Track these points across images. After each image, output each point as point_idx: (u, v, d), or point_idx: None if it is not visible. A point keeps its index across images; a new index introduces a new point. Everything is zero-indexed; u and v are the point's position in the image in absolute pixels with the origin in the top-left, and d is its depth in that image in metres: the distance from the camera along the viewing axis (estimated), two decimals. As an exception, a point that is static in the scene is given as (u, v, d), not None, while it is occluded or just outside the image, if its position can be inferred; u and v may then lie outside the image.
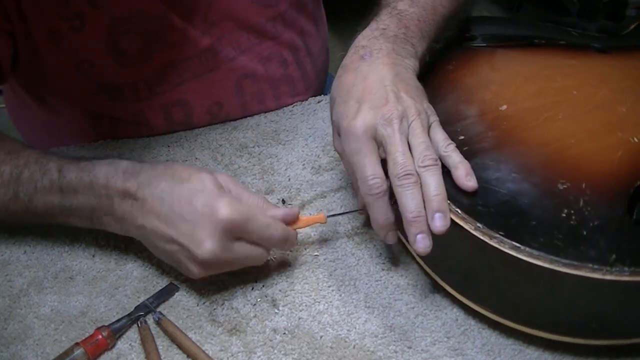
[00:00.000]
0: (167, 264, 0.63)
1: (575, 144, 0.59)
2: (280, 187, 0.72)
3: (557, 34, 0.77)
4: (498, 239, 0.51)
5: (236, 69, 0.81)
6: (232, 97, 0.82)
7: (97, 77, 0.74)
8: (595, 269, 0.49)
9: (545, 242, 0.51)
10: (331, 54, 0.99)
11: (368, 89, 0.58)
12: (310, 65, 0.88)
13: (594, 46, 0.74)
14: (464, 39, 0.74)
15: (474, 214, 0.53)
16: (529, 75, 0.68)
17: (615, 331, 0.53)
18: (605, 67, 0.71)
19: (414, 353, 0.56)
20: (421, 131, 0.56)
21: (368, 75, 0.59)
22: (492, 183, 0.56)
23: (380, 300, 0.60)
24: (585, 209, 0.53)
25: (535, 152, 0.58)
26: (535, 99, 0.65)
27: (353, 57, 0.61)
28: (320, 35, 0.91)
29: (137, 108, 0.78)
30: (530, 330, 0.54)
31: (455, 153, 0.57)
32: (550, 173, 0.56)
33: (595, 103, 0.64)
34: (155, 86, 0.77)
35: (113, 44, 0.72)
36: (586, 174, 0.56)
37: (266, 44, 0.82)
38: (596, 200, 0.54)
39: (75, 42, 0.71)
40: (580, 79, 0.68)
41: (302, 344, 0.57)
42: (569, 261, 0.49)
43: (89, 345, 0.55)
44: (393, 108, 0.56)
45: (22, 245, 0.67)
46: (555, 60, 0.71)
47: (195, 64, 0.78)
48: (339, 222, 0.68)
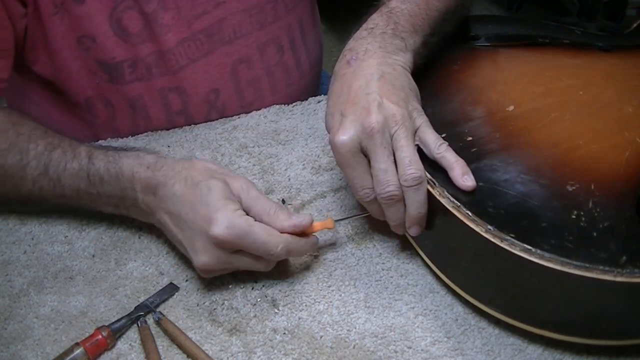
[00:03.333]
0: (167, 264, 0.64)
1: (582, 144, 0.59)
2: (280, 187, 0.72)
3: (560, 33, 0.76)
4: (509, 241, 0.51)
5: (232, 53, 0.81)
6: (228, 83, 0.83)
7: (98, 54, 0.75)
8: (606, 270, 0.48)
9: (556, 244, 0.50)
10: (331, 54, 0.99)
11: (351, 99, 0.57)
12: (304, 55, 0.89)
13: (598, 45, 0.74)
14: (467, 39, 0.74)
15: (484, 216, 0.53)
16: (534, 75, 0.68)
17: (624, 332, 0.53)
18: (609, 67, 0.70)
19: (414, 353, 0.56)
20: (405, 142, 0.56)
21: (352, 83, 0.59)
22: (502, 185, 0.55)
23: (380, 300, 0.60)
24: (594, 210, 0.53)
25: (543, 153, 0.58)
26: (542, 99, 0.64)
27: (342, 62, 0.61)
28: (315, 29, 0.92)
29: (135, 91, 0.79)
30: (537, 330, 0.54)
31: (449, 153, 0.56)
32: (559, 174, 0.56)
33: (601, 103, 0.64)
34: (153, 68, 0.78)
35: (116, 21, 0.74)
36: (595, 175, 0.56)
37: (266, 29, 0.83)
38: (605, 202, 0.53)
39: (78, 14, 0.72)
40: (585, 79, 0.67)
41: (302, 344, 0.57)
42: (580, 263, 0.49)
43: (89, 345, 0.55)
44: (374, 121, 0.55)
45: (22, 245, 0.67)
46: (559, 59, 0.71)
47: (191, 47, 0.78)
48: (338, 222, 0.68)
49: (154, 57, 0.77)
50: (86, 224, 0.68)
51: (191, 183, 0.58)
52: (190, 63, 0.79)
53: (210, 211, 0.56)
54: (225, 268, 0.59)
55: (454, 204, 0.54)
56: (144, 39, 0.76)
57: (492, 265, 0.54)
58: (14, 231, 0.68)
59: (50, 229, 0.68)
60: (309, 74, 0.91)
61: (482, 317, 0.58)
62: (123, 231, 0.67)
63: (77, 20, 0.73)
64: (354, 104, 0.57)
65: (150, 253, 0.65)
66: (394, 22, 0.63)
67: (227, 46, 0.81)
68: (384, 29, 0.63)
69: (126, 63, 0.77)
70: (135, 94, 0.79)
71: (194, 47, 0.79)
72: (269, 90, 0.86)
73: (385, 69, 0.59)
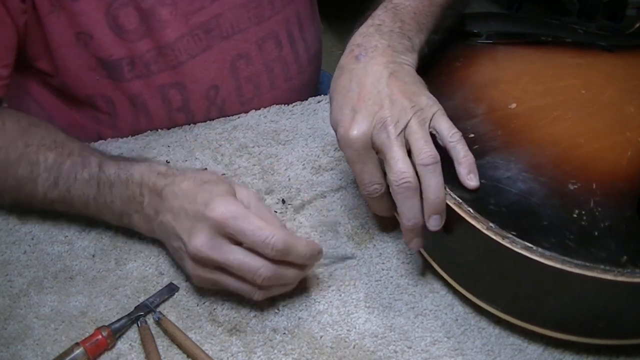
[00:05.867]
0: (167, 263, 0.64)
1: (584, 143, 0.59)
2: (280, 187, 0.72)
3: (562, 31, 0.76)
4: (510, 239, 0.51)
5: (230, 48, 0.81)
6: (228, 79, 0.83)
7: (97, 51, 0.75)
8: (607, 270, 0.49)
9: (557, 242, 0.50)
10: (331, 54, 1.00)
11: (362, 96, 0.57)
12: (303, 49, 0.89)
13: (600, 45, 0.74)
14: (469, 36, 0.74)
15: (486, 214, 0.53)
16: (536, 74, 0.68)
17: (624, 331, 0.53)
18: (611, 67, 0.70)
19: (414, 353, 0.56)
20: (419, 127, 0.56)
21: (363, 78, 0.58)
22: (503, 182, 0.55)
23: (380, 300, 0.60)
24: (596, 210, 0.53)
25: (545, 151, 0.58)
26: (543, 97, 0.64)
27: (348, 57, 0.61)
28: (314, 23, 0.92)
29: (135, 88, 0.79)
30: (538, 328, 0.54)
31: (461, 144, 0.56)
32: (560, 173, 0.56)
33: (602, 103, 0.64)
34: (152, 65, 0.78)
35: (113, 18, 0.74)
36: (596, 174, 0.56)
37: (263, 24, 0.83)
38: (606, 201, 0.53)
39: (74, 11, 0.72)
40: (587, 78, 0.67)
41: (302, 344, 0.57)
42: (581, 262, 0.49)
43: (89, 345, 0.55)
44: (387, 114, 0.55)
45: (22, 245, 0.67)
46: (561, 58, 0.71)
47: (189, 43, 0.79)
48: (339, 222, 0.68)
49: (153, 53, 0.77)
50: (86, 224, 0.68)
51: (199, 181, 0.59)
52: (190, 59, 0.79)
53: (211, 196, 0.56)
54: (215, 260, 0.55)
55: (455, 200, 0.55)
56: (141, 35, 0.76)
57: (492, 263, 0.54)
58: (14, 231, 0.69)
59: (50, 229, 0.68)
60: (307, 69, 0.91)
61: (482, 317, 0.58)
62: (123, 231, 0.67)
63: (74, 17, 0.73)
64: (366, 99, 0.57)
65: (150, 253, 0.65)
66: (400, 21, 0.63)
67: (225, 41, 0.81)
68: (391, 27, 0.62)
69: (125, 61, 0.77)
70: (135, 91, 0.79)
71: (193, 43, 0.79)
72: (268, 86, 0.86)
73: (395, 67, 0.59)
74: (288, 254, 0.55)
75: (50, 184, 0.64)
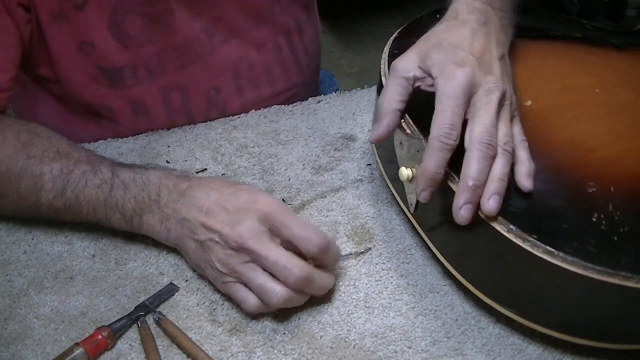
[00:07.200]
0: (167, 264, 0.64)
1: (602, 145, 0.58)
2: (280, 187, 0.73)
3: (571, 26, 0.75)
4: (532, 242, 0.50)
5: (231, 52, 0.82)
6: (229, 81, 0.83)
7: (98, 60, 0.75)
8: (628, 277, 0.47)
9: (578, 247, 0.49)
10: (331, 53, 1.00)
11: (481, 52, 0.57)
12: (302, 52, 0.90)
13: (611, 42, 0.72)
14: None
15: (506, 215, 0.52)
16: (551, 70, 0.67)
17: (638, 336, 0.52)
18: (624, 65, 0.69)
19: (414, 353, 0.56)
20: (506, 123, 0.56)
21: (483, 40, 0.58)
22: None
23: (380, 300, 0.60)
24: (615, 214, 0.51)
25: (563, 152, 0.57)
26: (559, 96, 0.63)
27: (470, 16, 0.60)
28: (312, 23, 0.92)
29: (137, 94, 0.79)
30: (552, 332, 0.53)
31: (525, 151, 0.56)
32: (579, 175, 0.55)
33: (619, 104, 0.63)
34: (155, 70, 0.78)
35: (116, 25, 0.74)
36: (614, 177, 0.55)
37: (261, 27, 0.83)
38: (625, 205, 0.52)
39: (77, 21, 0.72)
40: (602, 77, 0.66)
41: (302, 344, 0.57)
42: (603, 268, 0.47)
43: (89, 345, 0.55)
44: (500, 82, 0.55)
45: (22, 245, 0.67)
46: (574, 55, 0.70)
47: (194, 47, 0.79)
48: (339, 222, 0.68)
49: (155, 58, 0.77)
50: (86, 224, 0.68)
51: (228, 182, 0.61)
52: (191, 63, 0.80)
53: (256, 192, 0.59)
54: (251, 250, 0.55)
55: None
56: (144, 41, 0.76)
57: (509, 265, 0.53)
58: (14, 231, 0.69)
59: (50, 229, 0.68)
60: (307, 70, 0.92)
61: (482, 317, 0.58)
62: (123, 231, 0.67)
63: (77, 27, 0.73)
64: (482, 57, 0.57)
65: (150, 253, 0.65)
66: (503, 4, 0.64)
67: (226, 45, 0.81)
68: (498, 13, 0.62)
69: (126, 68, 0.77)
70: (136, 95, 0.79)
71: (195, 47, 0.79)
72: (268, 88, 0.87)
73: (504, 52, 0.60)
74: (326, 252, 0.57)
75: (57, 193, 0.64)
